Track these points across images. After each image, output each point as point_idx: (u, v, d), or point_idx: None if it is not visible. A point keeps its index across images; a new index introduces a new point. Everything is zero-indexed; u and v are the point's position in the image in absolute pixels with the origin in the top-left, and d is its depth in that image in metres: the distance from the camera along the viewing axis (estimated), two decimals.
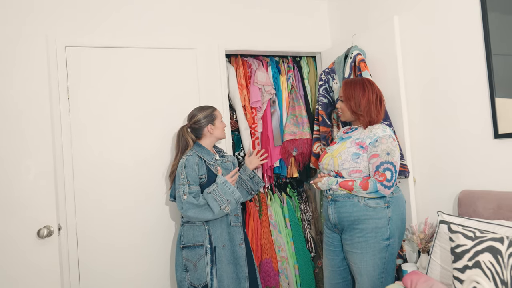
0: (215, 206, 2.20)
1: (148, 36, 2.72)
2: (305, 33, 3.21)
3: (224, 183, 2.27)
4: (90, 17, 2.59)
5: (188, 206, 2.19)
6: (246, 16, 3.03)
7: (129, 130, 2.61)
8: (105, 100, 2.57)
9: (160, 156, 2.66)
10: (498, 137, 1.96)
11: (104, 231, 2.51)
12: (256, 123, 3.08)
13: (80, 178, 2.48)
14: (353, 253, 2.07)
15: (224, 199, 2.22)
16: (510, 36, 1.89)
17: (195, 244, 2.27)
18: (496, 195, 1.90)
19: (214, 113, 2.45)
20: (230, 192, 2.25)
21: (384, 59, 2.55)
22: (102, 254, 2.50)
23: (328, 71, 2.85)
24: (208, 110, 2.45)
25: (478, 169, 2.08)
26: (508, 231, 1.64)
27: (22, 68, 2.27)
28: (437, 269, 1.87)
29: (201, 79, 2.83)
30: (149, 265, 2.60)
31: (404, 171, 2.40)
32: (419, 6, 2.39)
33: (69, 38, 2.52)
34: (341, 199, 2.09)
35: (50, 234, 2.22)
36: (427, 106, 2.38)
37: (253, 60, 3.22)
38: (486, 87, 2.01)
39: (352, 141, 2.13)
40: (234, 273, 2.34)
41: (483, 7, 1.98)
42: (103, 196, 2.52)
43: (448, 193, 2.25)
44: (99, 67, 2.57)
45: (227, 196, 2.23)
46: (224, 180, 2.28)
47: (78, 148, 2.49)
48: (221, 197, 2.22)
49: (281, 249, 3.02)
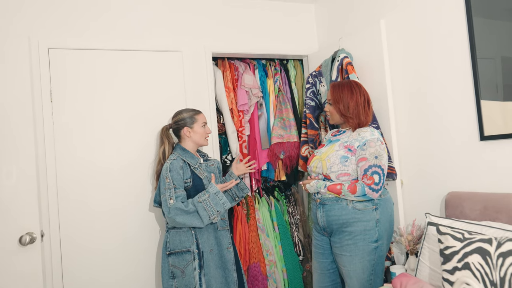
0: (204, 216, 2.17)
1: (134, 38, 2.68)
2: (292, 36, 3.22)
3: (216, 194, 2.23)
4: (74, 19, 2.54)
5: (176, 212, 2.14)
6: (233, 18, 3.02)
7: (115, 134, 2.57)
8: (89, 104, 2.52)
9: (145, 159, 2.62)
10: (484, 139, 1.98)
11: (89, 236, 2.46)
12: (243, 126, 3.06)
13: (64, 183, 2.43)
14: (342, 255, 2.06)
15: (215, 210, 2.19)
16: (494, 40, 1.92)
17: (182, 250, 2.22)
18: (483, 197, 1.92)
19: (195, 116, 2.40)
20: (221, 204, 2.22)
21: (371, 62, 2.57)
22: (87, 259, 2.45)
23: (315, 74, 2.85)
24: (191, 112, 2.41)
25: (464, 171, 2.11)
26: (496, 232, 1.66)
27: (2, 70, 2.20)
28: (426, 270, 1.88)
29: (188, 82, 2.80)
30: (135, 269, 2.56)
31: (391, 173, 2.41)
32: (405, 9, 2.42)
33: (52, 40, 2.47)
34: (329, 203, 2.09)
35: (32, 241, 2.15)
36: (414, 108, 2.40)
37: (240, 63, 3.20)
38: (472, 90, 2.03)
39: (340, 144, 2.13)
40: (223, 277, 2.31)
41: (468, 12, 2.01)
42: (88, 200, 2.48)
43: (435, 195, 2.27)
44: (83, 69, 2.52)
45: (218, 207, 2.20)
46: (216, 190, 2.24)
47: (62, 152, 2.44)
48: (211, 208, 2.19)
49: (269, 253, 3.00)
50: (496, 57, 1.92)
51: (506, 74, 1.89)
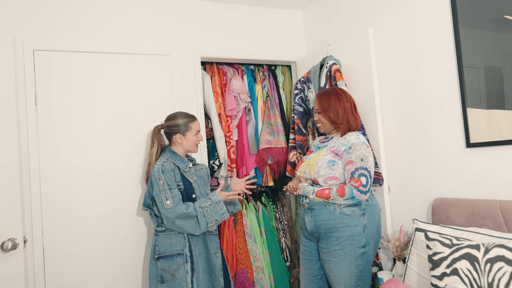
0: (203, 222, 2.16)
1: (122, 41, 2.65)
2: (280, 42, 3.23)
3: (217, 203, 2.23)
4: (60, 21, 2.50)
5: (176, 216, 2.12)
6: (222, 23, 3.02)
7: (101, 137, 2.53)
8: (75, 107, 2.48)
9: (133, 162, 2.59)
10: (470, 146, 2.02)
11: (73, 241, 2.41)
12: (231, 132, 3.05)
13: (48, 187, 2.38)
14: (329, 261, 2.07)
15: (214, 218, 2.19)
16: (480, 50, 1.97)
17: (173, 253, 2.18)
18: (469, 203, 1.95)
19: (190, 124, 2.36)
20: (221, 214, 2.22)
21: (359, 69, 2.60)
22: (71, 265, 2.40)
23: (303, 80, 2.86)
24: (186, 119, 2.37)
25: (451, 177, 2.14)
26: (483, 238, 1.68)
27: None
28: (414, 276, 1.89)
29: (176, 86, 2.78)
30: (121, 275, 2.51)
31: (378, 179, 2.43)
32: (393, 18, 2.45)
33: (38, 41, 2.42)
34: (317, 207, 2.10)
35: (15, 247, 2.09)
36: (401, 115, 2.43)
37: (228, 68, 3.20)
38: (458, 98, 2.07)
39: (327, 149, 2.15)
40: (210, 282, 2.28)
41: (454, 22, 2.06)
42: (73, 205, 2.43)
43: (422, 201, 2.30)
44: (69, 72, 2.48)
45: (217, 217, 2.20)
46: (219, 199, 2.24)
47: (47, 155, 2.39)
48: (211, 216, 2.18)
49: (256, 258, 2.98)
50: (479, 66, 1.97)
51: (488, 82, 1.93)
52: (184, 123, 2.35)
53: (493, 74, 1.91)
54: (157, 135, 2.40)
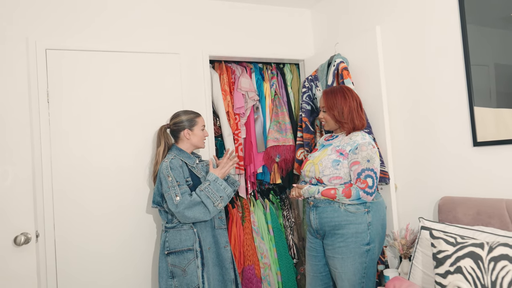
0: (209, 203, 2.19)
1: (132, 40, 2.69)
2: (288, 41, 3.24)
3: (215, 181, 2.26)
4: (71, 21, 2.55)
5: (184, 206, 2.15)
6: (231, 22, 3.04)
7: (111, 135, 2.57)
8: (86, 104, 2.53)
9: (142, 160, 2.63)
10: (477, 145, 2.01)
11: (84, 237, 2.46)
12: (239, 129, 3.08)
13: (59, 183, 2.43)
14: (334, 258, 2.08)
15: (217, 196, 2.22)
16: (488, 47, 1.95)
17: (183, 248, 2.22)
18: (476, 202, 1.94)
19: (196, 119, 2.42)
20: (222, 189, 2.25)
21: (367, 67, 2.60)
22: (82, 261, 2.45)
23: (311, 78, 2.87)
24: (191, 114, 2.43)
25: (458, 176, 2.13)
26: (488, 237, 1.68)
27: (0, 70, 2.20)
28: (419, 274, 1.90)
29: (185, 84, 2.81)
30: (131, 271, 2.56)
31: (384, 178, 2.43)
32: (401, 16, 2.45)
33: (50, 40, 2.47)
34: (322, 205, 2.11)
35: (27, 241, 2.14)
36: (408, 113, 2.43)
37: (236, 66, 3.22)
38: (465, 97, 2.06)
39: (332, 148, 2.16)
40: (220, 275, 2.32)
41: (462, 19, 2.05)
42: (84, 201, 2.48)
43: (429, 199, 2.30)
44: (81, 70, 2.52)
45: (220, 193, 2.23)
46: (215, 177, 2.28)
47: (58, 152, 2.44)
48: (214, 194, 2.21)
49: (263, 255, 3.01)
50: (489, 64, 1.95)
51: (499, 81, 1.92)
52: (190, 119, 2.40)
53: (503, 72, 1.89)
54: (163, 134, 2.44)
